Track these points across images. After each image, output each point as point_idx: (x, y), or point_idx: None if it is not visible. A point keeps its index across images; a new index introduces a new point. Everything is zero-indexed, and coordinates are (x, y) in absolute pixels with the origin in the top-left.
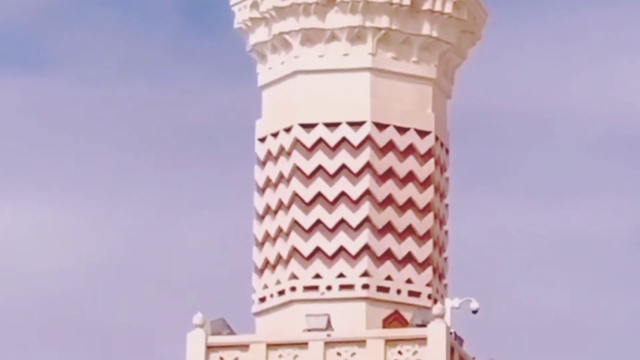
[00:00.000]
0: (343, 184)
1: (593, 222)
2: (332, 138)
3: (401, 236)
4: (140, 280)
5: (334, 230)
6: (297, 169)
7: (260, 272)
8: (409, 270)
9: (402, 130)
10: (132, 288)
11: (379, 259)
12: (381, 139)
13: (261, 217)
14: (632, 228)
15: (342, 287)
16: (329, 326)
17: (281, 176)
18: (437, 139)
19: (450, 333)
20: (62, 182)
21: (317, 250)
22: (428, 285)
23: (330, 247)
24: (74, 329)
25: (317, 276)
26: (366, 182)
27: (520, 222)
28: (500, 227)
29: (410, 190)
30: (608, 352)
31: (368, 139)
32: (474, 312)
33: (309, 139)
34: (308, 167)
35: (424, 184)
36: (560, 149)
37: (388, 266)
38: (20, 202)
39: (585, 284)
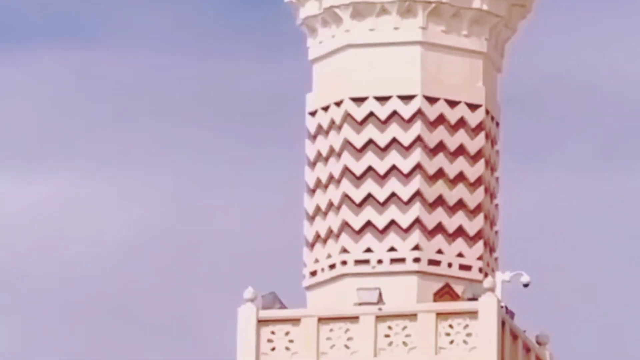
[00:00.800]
0: (394, 157)
1: None
2: (382, 112)
3: (452, 210)
4: (190, 254)
5: (384, 204)
6: (347, 143)
7: (311, 246)
8: (459, 243)
9: (452, 103)
10: (182, 263)
11: (430, 233)
12: (432, 112)
13: (312, 191)
14: None
15: (393, 260)
16: (380, 300)
17: (332, 150)
18: (487, 112)
19: (501, 307)
20: (107, 155)
21: (368, 224)
22: (479, 258)
23: (381, 221)
24: (117, 306)
25: (368, 250)
26: (417, 155)
27: (571, 194)
28: (551, 200)
29: (461, 164)
30: None
31: (419, 112)
32: (525, 285)
33: (359, 112)
34: (359, 140)
35: (475, 158)
36: (612, 119)
37: (439, 240)
38: (64, 175)
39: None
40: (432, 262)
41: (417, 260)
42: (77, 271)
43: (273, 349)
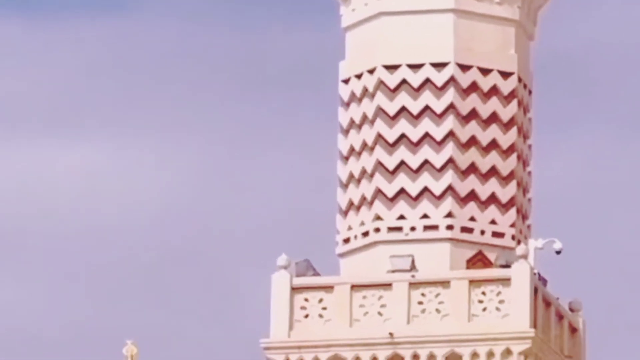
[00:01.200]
0: (426, 125)
1: None
2: (415, 79)
3: (485, 177)
4: (224, 222)
5: (417, 171)
6: (380, 110)
7: (345, 213)
8: (492, 211)
9: (485, 71)
10: (216, 230)
11: (463, 200)
12: (464, 80)
13: (345, 159)
14: None
15: (426, 228)
16: (413, 267)
17: (365, 117)
18: (520, 80)
19: (534, 274)
20: (142, 122)
21: (401, 191)
22: (512, 226)
23: (414, 188)
24: (150, 271)
25: (401, 217)
26: (449, 123)
27: (603, 162)
28: (583, 168)
29: (494, 132)
30: None
31: (451, 80)
32: (558, 252)
33: (392, 80)
34: (392, 108)
35: (507, 125)
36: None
37: (472, 207)
38: (98, 142)
39: None
40: (464, 230)
41: (450, 227)
42: (113, 235)
43: (306, 316)
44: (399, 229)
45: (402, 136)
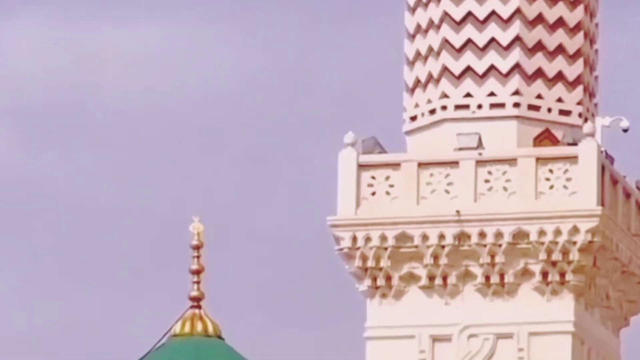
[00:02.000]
0: (494, 1)
1: None
2: None
3: (552, 55)
4: (293, 99)
5: (484, 49)
6: None
7: (411, 91)
8: (559, 88)
9: None
10: (284, 108)
11: (530, 78)
12: None
13: (412, 36)
14: None
15: (493, 105)
16: (480, 145)
17: None
18: None
19: (601, 151)
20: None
21: (468, 69)
22: (579, 103)
23: (480, 66)
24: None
25: (468, 95)
26: (516, 1)
27: None
28: None
29: (561, 9)
30: None
31: None
32: (625, 130)
33: None
34: None
35: (574, 3)
36: None
37: (539, 84)
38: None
39: None
40: (531, 107)
41: (516, 105)
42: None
43: (373, 193)
44: (466, 106)
45: (469, 14)
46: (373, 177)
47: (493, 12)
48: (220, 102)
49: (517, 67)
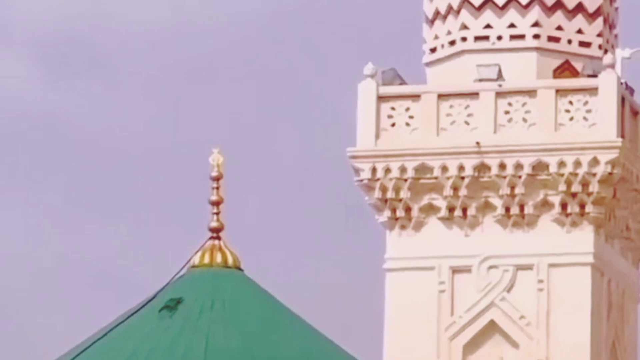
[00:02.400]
0: None
1: None
2: None
3: None
4: (309, 30)
5: None
6: None
7: (431, 22)
8: (579, 20)
9: None
10: (302, 37)
11: (550, 9)
12: None
13: None
14: None
15: (513, 37)
16: (499, 76)
17: None
18: None
19: (621, 83)
20: None
21: (488, 0)
22: (599, 35)
23: None
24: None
25: (488, 26)
26: None
27: None
28: None
29: None
30: None
31: None
32: None
33: None
34: None
35: None
36: None
37: (558, 16)
38: None
39: None
40: (551, 39)
41: (536, 36)
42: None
43: (393, 124)
44: (486, 38)
45: None
46: (393, 109)
47: None
48: (240, 32)
49: None
